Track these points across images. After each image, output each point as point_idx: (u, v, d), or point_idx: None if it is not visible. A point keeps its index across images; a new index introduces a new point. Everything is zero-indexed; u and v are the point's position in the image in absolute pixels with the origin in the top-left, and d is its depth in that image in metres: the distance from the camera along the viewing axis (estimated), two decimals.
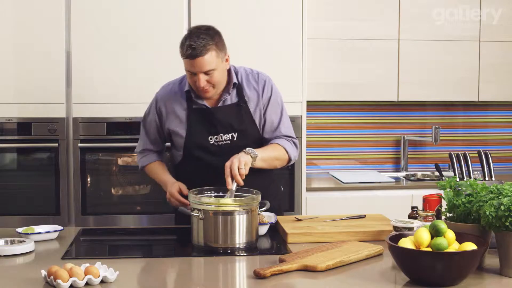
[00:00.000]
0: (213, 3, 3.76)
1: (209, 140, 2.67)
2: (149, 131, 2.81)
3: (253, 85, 2.72)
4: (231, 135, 2.66)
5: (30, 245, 2.29)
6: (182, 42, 2.56)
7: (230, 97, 2.68)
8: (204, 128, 2.67)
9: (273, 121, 2.74)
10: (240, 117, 2.67)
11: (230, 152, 2.54)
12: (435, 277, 1.87)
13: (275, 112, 2.74)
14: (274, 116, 2.74)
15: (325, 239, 2.41)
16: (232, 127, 2.66)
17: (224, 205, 2.31)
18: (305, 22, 3.79)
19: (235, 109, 2.67)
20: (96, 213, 3.71)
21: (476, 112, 4.63)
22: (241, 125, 2.67)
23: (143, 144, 2.84)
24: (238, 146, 2.60)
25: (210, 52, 2.51)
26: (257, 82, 2.73)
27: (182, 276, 2.16)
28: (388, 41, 4.18)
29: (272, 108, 2.74)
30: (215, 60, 2.53)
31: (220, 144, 2.67)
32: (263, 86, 2.72)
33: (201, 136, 2.67)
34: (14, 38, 3.64)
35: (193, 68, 2.52)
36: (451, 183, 2.18)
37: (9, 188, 3.73)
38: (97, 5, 3.67)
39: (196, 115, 2.68)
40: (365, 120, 4.52)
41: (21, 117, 3.66)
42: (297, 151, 2.79)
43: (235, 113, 2.67)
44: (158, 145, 2.84)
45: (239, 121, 2.67)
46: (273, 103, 2.74)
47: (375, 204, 3.68)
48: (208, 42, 2.51)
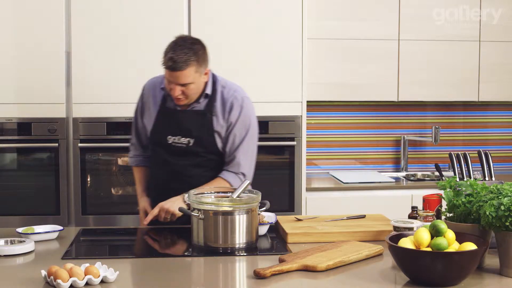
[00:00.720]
0: (213, 3, 3.76)
1: (168, 140, 2.73)
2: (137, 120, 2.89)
3: (224, 101, 2.72)
4: (187, 140, 2.71)
5: (30, 245, 2.29)
6: (165, 50, 2.59)
7: (200, 105, 2.72)
8: (167, 127, 2.73)
9: (234, 142, 2.73)
10: (201, 125, 2.70)
11: (185, 156, 2.70)
12: (435, 277, 1.87)
13: (239, 135, 2.74)
14: (237, 138, 2.73)
15: (325, 239, 2.41)
16: (190, 132, 2.71)
17: (224, 205, 2.31)
18: (305, 22, 3.79)
19: (198, 117, 2.71)
20: (96, 213, 3.71)
21: (476, 112, 4.63)
22: (199, 132, 2.70)
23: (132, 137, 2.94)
24: (192, 152, 2.71)
25: (189, 67, 2.55)
26: (228, 99, 2.72)
27: (182, 276, 2.16)
28: (388, 41, 4.18)
29: (236, 130, 2.73)
30: (193, 75, 2.58)
31: (176, 145, 2.72)
32: (231, 106, 2.71)
33: (162, 134, 2.74)
34: (14, 38, 3.64)
35: (171, 79, 2.59)
36: (451, 183, 2.17)
37: (9, 188, 3.73)
38: (97, 5, 3.67)
39: (164, 113, 2.75)
40: (365, 120, 4.52)
41: (21, 117, 3.66)
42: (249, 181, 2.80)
43: (197, 120, 2.71)
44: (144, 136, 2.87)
45: (198, 128, 2.70)
46: (239, 126, 2.73)
47: (375, 204, 3.68)
48: (190, 57, 2.55)
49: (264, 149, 3.86)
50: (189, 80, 2.57)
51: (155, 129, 2.77)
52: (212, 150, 2.73)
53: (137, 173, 2.96)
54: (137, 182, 2.95)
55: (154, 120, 2.76)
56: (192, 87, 2.61)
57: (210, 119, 2.70)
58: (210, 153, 2.73)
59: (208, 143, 2.71)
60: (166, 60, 2.56)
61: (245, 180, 2.52)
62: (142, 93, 2.86)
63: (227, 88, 2.75)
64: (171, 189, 2.72)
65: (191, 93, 2.63)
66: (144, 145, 2.90)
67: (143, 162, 2.93)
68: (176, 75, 2.55)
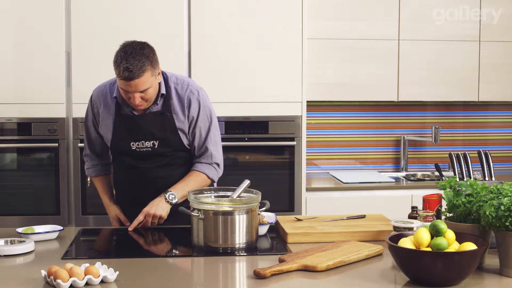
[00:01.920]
0: (213, 3, 3.76)
1: (131, 146, 2.71)
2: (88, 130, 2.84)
3: (180, 97, 2.72)
4: (152, 143, 2.70)
5: (30, 245, 2.29)
6: (117, 62, 2.54)
7: (157, 106, 2.70)
8: (128, 134, 2.71)
9: (201, 135, 2.75)
10: (162, 126, 2.69)
11: (152, 158, 2.70)
12: (435, 277, 1.87)
13: (204, 127, 2.75)
14: (202, 131, 2.74)
15: (325, 239, 2.41)
16: (153, 135, 2.69)
17: (224, 205, 2.31)
18: (305, 22, 3.79)
19: (158, 118, 2.69)
20: (96, 213, 3.71)
21: (476, 112, 4.63)
22: (162, 133, 2.69)
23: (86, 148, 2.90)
24: (159, 153, 2.71)
25: (145, 73, 2.52)
26: (184, 94, 2.71)
27: (182, 276, 2.16)
28: (388, 41, 4.18)
29: (200, 123, 2.74)
30: (149, 80, 2.55)
31: (141, 150, 2.71)
32: (189, 102, 2.71)
33: (124, 142, 2.72)
34: (14, 38, 3.64)
35: (129, 88, 2.54)
36: (451, 183, 2.17)
37: (9, 188, 3.73)
38: (97, 5, 3.67)
39: (122, 121, 2.71)
40: (365, 120, 4.52)
41: (21, 117, 3.66)
42: (218, 173, 2.81)
43: (158, 121, 2.69)
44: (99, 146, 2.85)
45: (160, 129, 2.69)
46: (202, 118, 2.74)
47: (375, 204, 3.69)
48: (144, 63, 2.52)
49: (264, 149, 3.87)
50: (147, 85, 2.54)
51: (116, 138, 2.73)
52: (179, 148, 2.73)
53: (99, 183, 2.92)
54: (102, 192, 2.91)
55: (112, 129, 2.73)
56: (150, 91, 2.58)
57: (171, 118, 2.69)
58: (176, 151, 2.73)
59: (174, 142, 2.71)
60: (121, 71, 2.50)
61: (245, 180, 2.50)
62: (91, 104, 2.81)
63: (180, 84, 2.73)
64: (142, 193, 2.73)
65: (150, 97, 2.60)
66: (99, 154, 2.89)
67: (102, 171, 2.91)
68: (134, 83, 2.51)
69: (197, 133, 2.74)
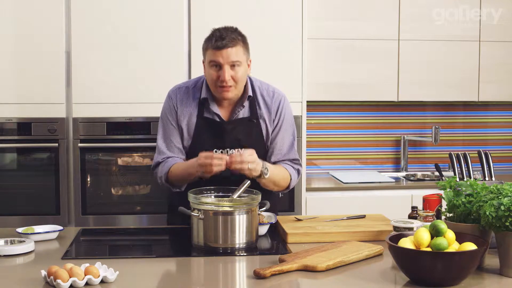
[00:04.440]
0: (213, 3, 3.76)
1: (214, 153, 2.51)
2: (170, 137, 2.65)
3: (267, 103, 2.65)
4: (237, 151, 2.55)
5: (30, 245, 2.29)
6: (209, 37, 2.53)
7: (243, 111, 2.62)
8: (211, 140, 2.60)
9: (284, 144, 2.67)
10: (249, 132, 2.61)
11: None
12: (435, 277, 1.87)
13: (287, 136, 2.68)
14: (286, 140, 2.67)
15: (325, 239, 2.41)
16: (239, 142, 2.60)
17: (224, 205, 2.31)
18: (305, 22, 3.79)
19: (245, 124, 2.61)
20: (96, 213, 3.71)
21: (476, 112, 4.63)
22: (249, 141, 2.60)
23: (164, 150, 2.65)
24: None
25: (238, 46, 2.50)
26: (271, 100, 2.65)
27: (182, 276, 2.16)
28: (388, 41, 4.18)
29: (284, 131, 2.67)
30: (241, 55, 2.51)
31: None
32: (277, 107, 2.65)
33: (206, 147, 2.56)
34: (14, 38, 3.64)
35: (220, 59, 2.47)
36: (451, 183, 2.17)
37: (9, 188, 3.73)
38: (97, 5, 3.67)
39: (206, 124, 2.61)
40: (365, 120, 4.52)
41: (21, 117, 3.66)
42: (297, 180, 2.74)
43: (245, 128, 2.61)
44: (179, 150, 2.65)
45: (247, 136, 2.61)
46: (286, 127, 2.67)
47: (375, 204, 3.68)
48: (237, 37, 2.51)
49: None
50: (238, 58, 2.48)
51: (197, 142, 2.60)
52: (260, 156, 2.53)
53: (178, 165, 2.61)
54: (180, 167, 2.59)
55: (194, 132, 2.60)
56: (240, 71, 2.50)
57: (258, 124, 2.62)
58: None
59: (258, 149, 2.53)
60: (213, 40, 2.46)
61: (245, 180, 2.49)
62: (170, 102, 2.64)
63: (265, 89, 2.67)
64: None
65: (239, 77, 2.50)
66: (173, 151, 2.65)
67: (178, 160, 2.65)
68: (226, 52, 2.46)
69: (280, 141, 2.65)
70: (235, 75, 2.50)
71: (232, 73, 2.50)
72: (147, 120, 3.69)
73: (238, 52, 2.50)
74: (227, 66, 2.48)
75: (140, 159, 3.77)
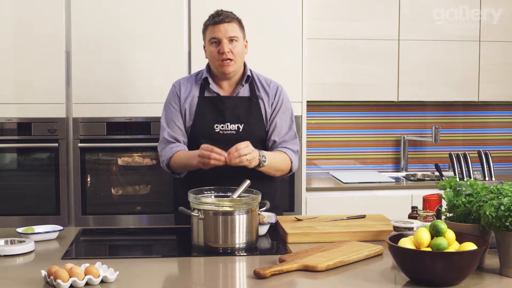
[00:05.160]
0: (213, 3, 3.73)
1: (215, 128, 2.71)
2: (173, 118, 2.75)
3: (265, 88, 2.80)
4: (237, 126, 2.71)
5: (30, 245, 2.29)
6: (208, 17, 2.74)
7: (243, 90, 2.76)
8: (212, 115, 2.72)
9: (282, 126, 2.78)
10: (249, 110, 2.73)
11: (233, 144, 2.51)
12: (435, 277, 1.87)
13: (285, 120, 2.79)
14: (284, 122, 2.79)
15: (325, 239, 2.41)
16: (239, 118, 2.71)
17: (224, 205, 2.31)
18: (305, 22, 3.79)
19: (245, 102, 2.75)
20: (96, 213, 3.71)
21: (476, 112, 4.63)
22: (248, 118, 2.72)
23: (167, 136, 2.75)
24: (242, 139, 2.58)
25: (235, 22, 2.70)
26: (269, 87, 2.80)
27: (182, 276, 2.16)
28: (388, 41, 4.18)
29: (282, 115, 2.79)
30: (238, 31, 2.70)
31: (225, 133, 2.71)
32: (275, 93, 2.80)
33: (207, 123, 2.71)
34: (14, 38, 3.64)
35: (219, 33, 2.66)
36: (451, 183, 2.17)
37: (9, 188, 3.73)
38: (97, 5, 3.67)
39: (206, 102, 2.74)
40: (365, 120, 4.52)
41: (21, 117, 3.66)
42: (297, 161, 2.84)
43: (245, 105, 2.74)
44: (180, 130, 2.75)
45: (247, 113, 2.73)
46: (284, 110, 2.80)
47: (375, 204, 3.69)
48: (234, 15, 2.73)
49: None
50: (236, 33, 2.67)
51: (199, 119, 2.72)
52: (261, 136, 2.75)
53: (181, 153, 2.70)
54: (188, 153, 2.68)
55: (195, 111, 2.72)
56: (238, 47, 2.67)
57: (257, 103, 2.75)
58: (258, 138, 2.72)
59: (258, 128, 2.74)
60: (212, 17, 2.69)
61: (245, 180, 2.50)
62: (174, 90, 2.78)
63: (263, 77, 2.83)
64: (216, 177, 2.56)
65: (238, 52, 2.67)
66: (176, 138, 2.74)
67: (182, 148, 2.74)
68: (223, 27, 2.65)
69: (278, 123, 2.76)
70: (233, 49, 2.67)
71: (231, 46, 2.67)
72: (147, 120, 3.69)
73: (235, 28, 2.69)
74: (225, 40, 2.66)
75: (140, 159, 3.77)
